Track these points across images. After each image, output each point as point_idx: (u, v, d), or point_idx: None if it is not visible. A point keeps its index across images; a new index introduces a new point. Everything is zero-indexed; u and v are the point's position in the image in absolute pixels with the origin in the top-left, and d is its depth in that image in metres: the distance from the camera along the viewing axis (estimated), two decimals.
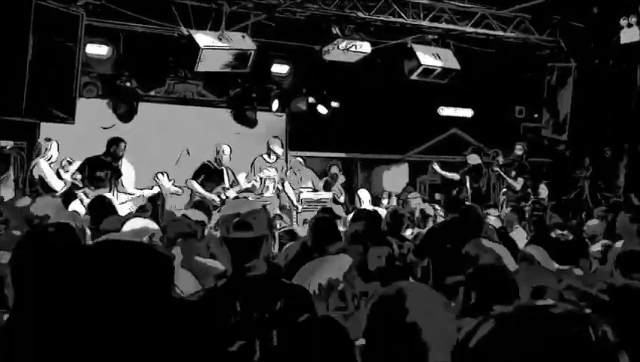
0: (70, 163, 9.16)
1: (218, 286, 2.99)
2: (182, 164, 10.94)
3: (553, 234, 4.35)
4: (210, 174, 10.05)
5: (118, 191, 9.22)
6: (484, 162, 11.81)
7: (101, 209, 5.10)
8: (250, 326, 2.61)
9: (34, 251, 2.23)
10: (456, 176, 11.56)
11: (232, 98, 12.49)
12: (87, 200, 8.33)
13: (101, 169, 9.20)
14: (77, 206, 8.24)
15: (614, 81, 11.40)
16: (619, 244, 6.34)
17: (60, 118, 8.65)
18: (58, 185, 8.60)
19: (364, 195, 10.74)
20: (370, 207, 9.83)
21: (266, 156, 10.67)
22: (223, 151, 10.18)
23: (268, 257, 3.27)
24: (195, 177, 9.98)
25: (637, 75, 11.34)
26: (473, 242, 4.08)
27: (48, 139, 8.89)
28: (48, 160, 8.64)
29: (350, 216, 7.55)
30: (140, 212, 8.12)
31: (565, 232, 4.25)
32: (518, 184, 11.27)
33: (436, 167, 11.60)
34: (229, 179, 10.16)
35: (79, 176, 8.89)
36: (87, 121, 9.95)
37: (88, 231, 4.44)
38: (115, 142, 9.40)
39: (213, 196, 9.81)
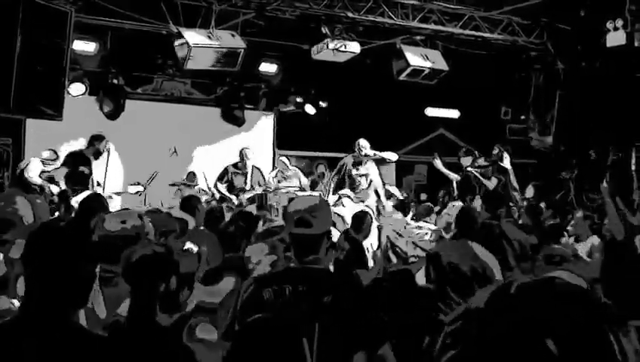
0: (54, 159, 9.06)
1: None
2: (169, 162, 10.93)
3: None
4: (231, 177, 10.25)
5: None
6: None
7: (93, 207, 5.03)
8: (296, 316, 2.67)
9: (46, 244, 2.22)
10: (456, 177, 11.55)
11: (220, 96, 12.45)
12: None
13: (84, 164, 9.17)
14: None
15: (600, 83, 11.49)
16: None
17: (48, 115, 8.57)
18: (36, 181, 8.52)
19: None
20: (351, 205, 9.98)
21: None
22: (246, 155, 10.38)
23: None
24: (218, 180, 10.32)
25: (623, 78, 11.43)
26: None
27: (54, 151, 8.91)
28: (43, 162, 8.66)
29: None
30: None
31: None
32: (491, 184, 11.32)
33: (438, 162, 11.54)
34: (251, 181, 10.30)
35: (62, 174, 8.86)
36: (74, 118, 9.87)
37: None
38: (97, 138, 9.34)
39: (232, 197, 10.17)
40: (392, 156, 11.21)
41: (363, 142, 10.87)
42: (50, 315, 2.10)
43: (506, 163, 10.92)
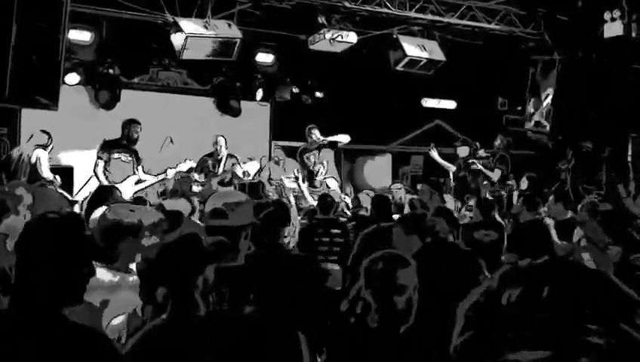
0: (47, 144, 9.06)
1: None
2: (165, 153, 10.88)
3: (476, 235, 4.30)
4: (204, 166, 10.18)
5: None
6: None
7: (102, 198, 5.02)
8: None
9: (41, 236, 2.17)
10: (452, 167, 11.54)
11: (215, 87, 12.38)
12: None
13: (121, 152, 9.24)
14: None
15: (597, 74, 11.48)
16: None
17: (44, 105, 8.51)
18: (48, 176, 8.57)
19: (332, 184, 10.78)
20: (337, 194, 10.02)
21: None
22: (217, 143, 10.35)
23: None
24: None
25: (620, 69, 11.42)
26: None
27: (46, 132, 8.88)
28: (50, 151, 8.68)
29: None
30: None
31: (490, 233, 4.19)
32: (495, 175, 11.33)
33: (434, 153, 11.51)
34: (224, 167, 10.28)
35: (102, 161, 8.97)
36: (69, 108, 9.82)
37: None
38: (129, 123, 9.34)
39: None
40: (343, 138, 11.13)
41: (314, 128, 10.89)
42: (39, 309, 2.05)
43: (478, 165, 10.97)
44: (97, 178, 9.18)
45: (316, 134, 10.88)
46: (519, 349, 1.04)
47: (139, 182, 9.33)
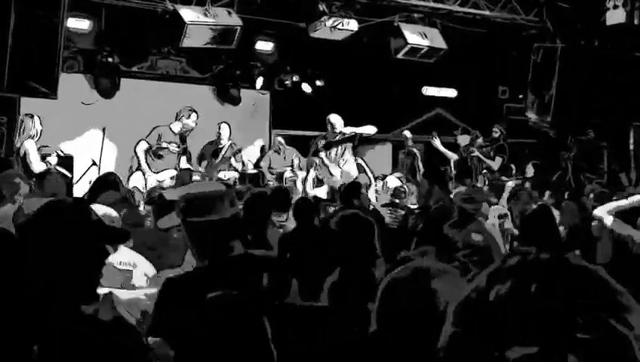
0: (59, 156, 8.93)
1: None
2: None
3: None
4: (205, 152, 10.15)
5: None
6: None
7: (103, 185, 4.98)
8: None
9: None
10: (454, 156, 11.50)
11: (215, 75, 12.31)
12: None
13: (170, 142, 9.47)
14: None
15: (600, 62, 11.42)
16: None
17: (43, 93, 8.44)
18: (38, 168, 8.43)
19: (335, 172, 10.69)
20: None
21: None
22: (219, 128, 10.43)
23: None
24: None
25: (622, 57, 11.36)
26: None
27: (30, 116, 8.74)
28: (33, 137, 8.52)
29: None
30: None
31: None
32: (495, 164, 11.32)
33: (436, 142, 11.48)
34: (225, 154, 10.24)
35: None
36: (68, 97, 9.76)
37: None
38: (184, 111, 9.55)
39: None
40: (369, 130, 10.88)
41: (334, 119, 10.60)
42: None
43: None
44: (138, 160, 9.23)
45: (338, 124, 10.62)
46: (508, 345, 1.03)
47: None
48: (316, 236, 4.41)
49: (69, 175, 8.88)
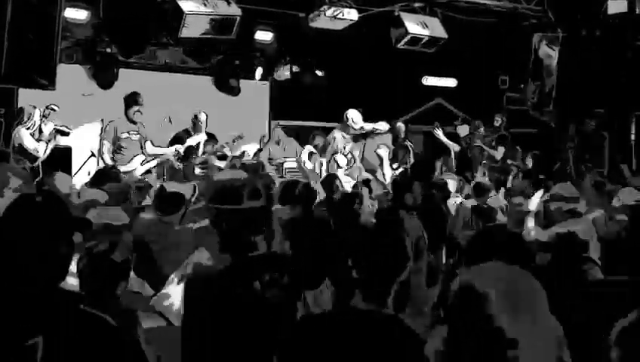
0: (54, 109, 8.88)
1: None
2: (163, 132, 10.79)
3: None
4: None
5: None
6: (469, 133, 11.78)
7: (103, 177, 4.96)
8: None
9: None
10: (456, 147, 11.45)
11: (214, 65, 12.24)
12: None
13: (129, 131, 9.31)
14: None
15: (601, 51, 11.36)
16: None
17: (41, 85, 8.37)
18: (40, 150, 8.43)
19: (341, 161, 10.62)
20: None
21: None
22: (196, 118, 10.23)
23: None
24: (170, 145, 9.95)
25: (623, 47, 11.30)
26: None
27: (32, 107, 8.73)
28: (28, 128, 8.45)
29: None
30: None
31: None
32: (498, 153, 11.28)
33: (439, 132, 11.42)
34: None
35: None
36: (67, 88, 9.70)
37: None
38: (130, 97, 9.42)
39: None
40: (383, 126, 10.91)
41: (353, 113, 10.57)
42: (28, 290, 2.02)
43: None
44: (102, 159, 9.14)
45: (357, 119, 10.50)
46: None
47: (145, 161, 9.27)
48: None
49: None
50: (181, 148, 9.53)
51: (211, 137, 10.51)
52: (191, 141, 9.80)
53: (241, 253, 2.65)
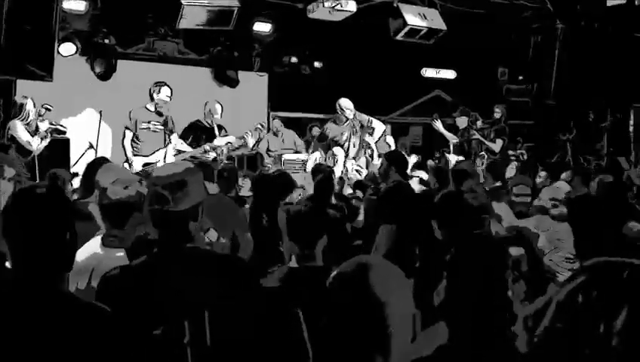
0: (49, 109, 8.84)
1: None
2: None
3: None
4: (199, 132, 9.89)
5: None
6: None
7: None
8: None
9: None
10: (454, 139, 11.44)
11: (213, 57, 12.21)
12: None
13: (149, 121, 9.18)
14: None
15: (600, 43, 11.34)
16: None
17: (39, 76, 8.37)
18: (33, 144, 8.39)
19: (339, 153, 10.61)
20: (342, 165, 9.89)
21: None
22: (210, 110, 9.98)
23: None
24: (183, 136, 9.78)
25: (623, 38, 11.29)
26: None
27: (24, 97, 8.66)
28: (23, 120, 8.42)
29: None
30: None
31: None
32: (496, 146, 11.27)
33: (438, 124, 11.39)
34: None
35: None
36: (65, 79, 9.68)
37: None
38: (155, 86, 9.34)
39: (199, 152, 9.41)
40: (380, 126, 10.79)
41: (343, 102, 10.50)
42: (37, 284, 2.07)
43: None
44: (124, 150, 9.08)
45: (348, 106, 10.38)
46: None
47: (177, 154, 9.18)
48: None
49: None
50: (209, 147, 9.38)
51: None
52: (220, 141, 9.60)
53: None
